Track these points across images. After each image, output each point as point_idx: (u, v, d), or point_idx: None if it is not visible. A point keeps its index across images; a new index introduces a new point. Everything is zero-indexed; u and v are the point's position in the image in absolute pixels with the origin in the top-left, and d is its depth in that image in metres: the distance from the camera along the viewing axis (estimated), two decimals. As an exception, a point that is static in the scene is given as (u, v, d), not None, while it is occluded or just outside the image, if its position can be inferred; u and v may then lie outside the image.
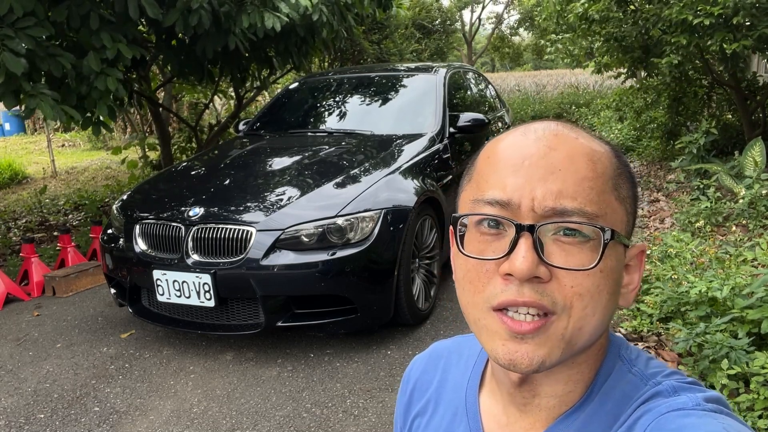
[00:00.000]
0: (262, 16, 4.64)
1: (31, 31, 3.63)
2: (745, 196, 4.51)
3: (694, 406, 0.52)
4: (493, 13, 31.27)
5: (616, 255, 0.56)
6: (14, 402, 2.82)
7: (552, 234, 0.54)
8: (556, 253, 0.53)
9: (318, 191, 3.19)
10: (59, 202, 7.58)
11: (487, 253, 0.56)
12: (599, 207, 0.54)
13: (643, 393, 0.57)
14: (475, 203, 0.58)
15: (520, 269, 0.52)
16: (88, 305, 4.01)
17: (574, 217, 0.53)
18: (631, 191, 0.59)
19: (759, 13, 4.81)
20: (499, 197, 0.55)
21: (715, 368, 2.39)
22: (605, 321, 0.56)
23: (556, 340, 0.54)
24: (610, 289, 0.55)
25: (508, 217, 0.55)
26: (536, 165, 0.55)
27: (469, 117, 4.17)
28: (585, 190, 0.54)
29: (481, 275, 0.56)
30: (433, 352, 0.81)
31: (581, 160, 0.56)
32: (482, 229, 0.57)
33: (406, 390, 0.80)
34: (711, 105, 7.53)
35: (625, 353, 0.62)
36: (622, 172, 0.59)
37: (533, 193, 0.54)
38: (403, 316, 3.20)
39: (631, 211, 0.59)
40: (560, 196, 0.53)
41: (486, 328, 0.56)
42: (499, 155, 0.58)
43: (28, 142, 15.27)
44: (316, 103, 4.81)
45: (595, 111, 12.31)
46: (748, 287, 2.73)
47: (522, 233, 0.53)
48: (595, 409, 0.59)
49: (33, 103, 3.73)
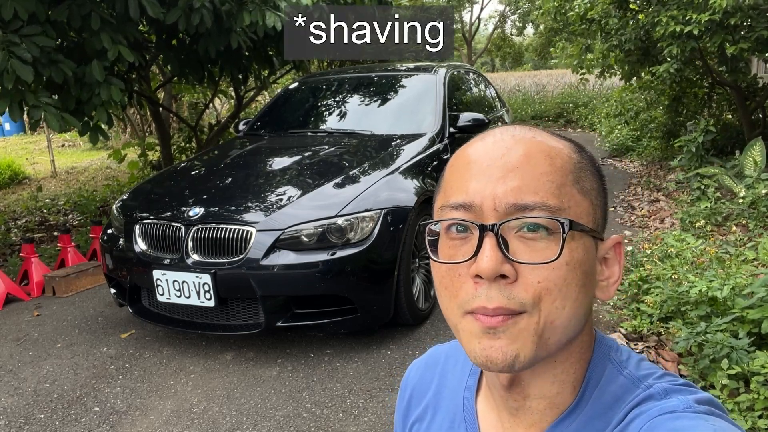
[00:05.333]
0: (263, 15, 4.64)
1: (36, 39, 3.65)
2: (746, 196, 4.51)
3: (685, 408, 0.52)
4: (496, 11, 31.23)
5: (583, 247, 0.56)
6: (14, 402, 2.82)
7: (516, 231, 0.54)
8: (521, 250, 0.54)
9: (318, 191, 3.19)
10: (59, 202, 7.58)
11: (457, 258, 0.56)
12: (560, 200, 0.55)
13: (635, 396, 0.57)
14: (442, 210, 0.59)
15: (486, 268, 0.52)
16: (88, 305, 4.01)
17: (536, 211, 0.54)
18: (596, 184, 0.60)
19: (757, 15, 4.82)
20: (462, 200, 0.57)
21: (716, 368, 2.39)
22: (579, 314, 0.56)
23: (528, 334, 0.54)
24: (579, 282, 0.55)
25: (471, 219, 0.56)
26: (494, 166, 0.56)
27: (469, 117, 4.17)
28: (545, 184, 0.55)
29: (455, 280, 0.57)
30: (430, 357, 0.81)
31: (538, 156, 0.57)
32: (451, 234, 0.58)
33: (404, 396, 0.80)
34: (711, 105, 7.53)
35: (615, 355, 0.62)
36: (584, 166, 0.59)
37: (494, 193, 0.55)
38: (403, 316, 3.19)
39: (598, 204, 0.59)
40: (520, 191, 0.54)
41: (463, 331, 0.57)
42: (461, 161, 0.60)
43: (28, 142, 15.27)
44: (316, 103, 4.81)
45: (594, 111, 12.31)
46: (748, 287, 2.73)
47: (486, 233, 0.54)
48: (588, 413, 0.59)
49: (37, 113, 3.75)
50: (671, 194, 5.88)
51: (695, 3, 4.91)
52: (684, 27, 4.91)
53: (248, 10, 4.64)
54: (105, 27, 4.08)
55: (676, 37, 5.12)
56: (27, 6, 3.58)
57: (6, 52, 3.49)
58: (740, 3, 4.64)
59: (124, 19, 4.30)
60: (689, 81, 6.93)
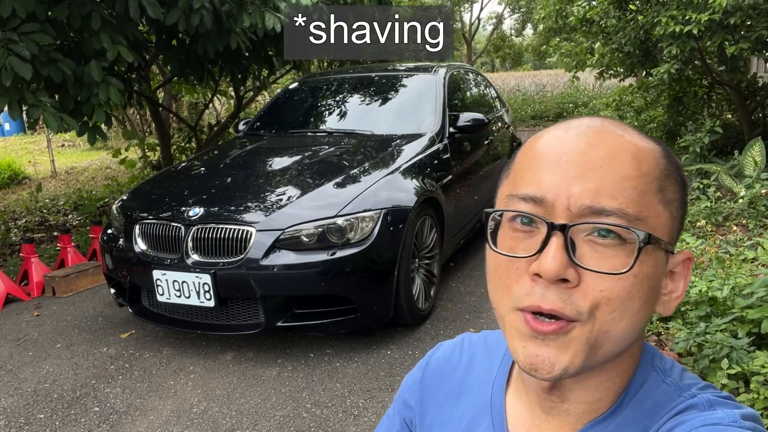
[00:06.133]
0: (262, 16, 4.64)
1: (35, 36, 3.64)
2: (745, 195, 4.51)
3: (731, 422, 0.50)
4: (494, 12, 31.25)
5: (654, 261, 0.53)
6: (14, 402, 2.82)
7: (586, 234, 0.51)
8: (589, 255, 0.51)
9: (318, 191, 3.19)
10: (59, 202, 7.58)
11: (518, 251, 0.54)
12: (640, 209, 0.51)
13: (677, 404, 0.55)
14: (509, 199, 0.56)
15: (548, 270, 0.50)
16: (88, 305, 4.01)
17: (612, 218, 0.50)
18: (679, 194, 0.56)
19: (757, 15, 4.82)
20: (533, 193, 0.53)
21: (715, 368, 2.39)
22: (635, 328, 0.54)
23: (579, 344, 0.52)
24: (643, 296, 0.52)
25: (541, 214, 0.52)
26: (573, 162, 0.53)
27: (468, 117, 4.17)
28: (626, 190, 0.51)
29: (511, 272, 0.54)
30: (460, 342, 0.78)
31: (624, 157, 0.52)
32: (515, 225, 0.55)
33: (426, 372, 0.78)
34: (711, 105, 7.54)
35: (659, 363, 0.60)
36: (670, 173, 0.55)
37: (569, 191, 0.51)
38: (403, 316, 3.19)
39: (677, 216, 0.56)
40: (598, 193, 0.51)
41: (510, 325, 0.55)
42: (537, 151, 0.56)
43: (28, 142, 15.27)
44: (316, 103, 4.81)
45: (594, 111, 12.31)
46: (748, 287, 2.73)
47: (554, 232, 0.51)
48: (626, 418, 0.57)
49: (36, 113, 3.74)
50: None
51: (695, 3, 4.91)
52: (684, 27, 4.91)
53: (248, 12, 4.64)
54: (105, 27, 4.08)
55: (676, 37, 5.12)
56: (26, 5, 3.58)
57: (4, 49, 3.49)
58: (740, 2, 4.64)
59: (125, 19, 4.30)
60: (689, 80, 6.93)
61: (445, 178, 3.84)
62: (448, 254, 3.96)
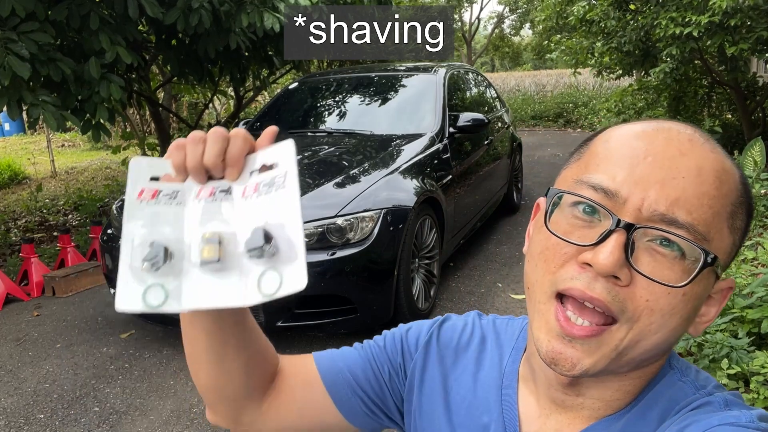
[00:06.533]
0: (261, 16, 4.64)
1: (34, 36, 3.64)
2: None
3: (748, 422, 0.50)
4: (494, 12, 31.33)
5: (706, 283, 0.52)
6: (14, 402, 2.82)
7: (648, 240, 0.50)
8: (645, 261, 0.50)
9: (317, 191, 3.18)
10: (59, 202, 7.58)
11: (572, 237, 0.52)
12: (709, 229, 0.50)
13: (692, 400, 0.55)
14: (578, 183, 0.54)
15: (604, 263, 0.48)
16: (88, 305, 4.01)
17: (682, 231, 0.49)
18: (744, 224, 0.54)
19: (756, 16, 4.82)
20: (607, 185, 0.51)
21: (715, 368, 2.39)
22: (668, 342, 0.53)
23: (608, 350, 0.51)
24: (685, 315, 0.51)
25: (609, 208, 0.50)
26: (659, 165, 0.50)
27: (468, 117, 4.17)
28: (702, 207, 0.50)
29: (558, 256, 0.53)
30: (471, 320, 0.76)
31: (709, 174, 0.51)
32: (575, 212, 0.53)
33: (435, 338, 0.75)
34: (711, 105, 7.54)
35: (675, 363, 0.60)
36: (743, 202, 0.54)
37: (646, 193, 0.50)
38: (403, 316, 3.19)
39: (738, 245, 0.54)
40: (676, 204, 0.49)
41: (541, 314, 0.54)
42: (620, 143, 0.54)
43: (27, 142, 15.27)
44: (316, 103, 4.81)
45: (594, 111, 12.32)
46: (748, 287, 2.73)
47: (617, 229, 0.49)
48: (641, 411, 0.57)
49: (36, 112, 3.74)
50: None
51: (694, 4, 4.91)
52: (683, 29, 4.91)
53: (246, 12, 4.64)
54: (104, 27, 4.08)
55: (676, 38, 5.13)
56: (26, 4, 3.58)
57: (3, 48, 3.49)
58: (740, 4, 4.64)
59: (124, 19, 4.30)
60: (689, 80, 6.94)
61: (445, 178, 3.84)
62: (448, 254, 3.96)
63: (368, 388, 0.73)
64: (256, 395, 0.71)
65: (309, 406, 0.73)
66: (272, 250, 0.51)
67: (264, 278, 0.51)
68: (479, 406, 0.67)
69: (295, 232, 0.52)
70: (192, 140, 0.56)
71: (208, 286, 0.51)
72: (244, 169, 0.56)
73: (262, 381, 0.71)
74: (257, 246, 0.50)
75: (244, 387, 0.69)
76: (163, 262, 0.51)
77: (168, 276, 0.51)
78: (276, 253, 0.51)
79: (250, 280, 0.51)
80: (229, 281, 0.51)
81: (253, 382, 0.70)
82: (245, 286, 0.51)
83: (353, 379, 0.73)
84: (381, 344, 0.77)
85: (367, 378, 0.74)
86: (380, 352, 0.76)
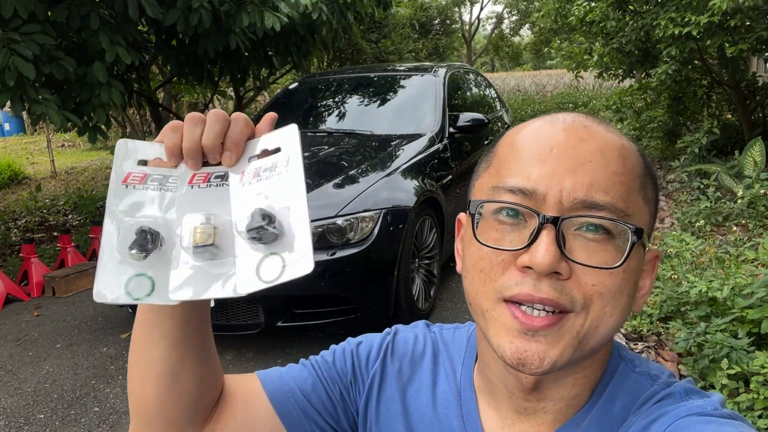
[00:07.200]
0: (261, 16, 4.64)
1: (36, 37, 3.65)
2: (745, 195, 4.51)
3: (713, 410, 0.51)
4: (494, 12, 31.31)
5: (638, 256, 0.53)
6: (14, 402, 2.82)
7: (575, 229, 0.51)
8: (578, 249, 0.51)
9: (317, 191, 3.18)
10: (59, 203, 7.58)
11: (503, 243, 0.52)
12: (628, 204, 0.52)
13: (654, 392, 0.56)
14: (494, 190, 0.54)
15: (542, 263, 0.49)
16: (88, 305, 4.01)
17: (604, 212, 0.50)
18: (654, 193, 0.57)
19: (756, 16, 4.82)
20: (523, 186, 0.52)
21: (715, 368, 2.39)
22: (620, 323, 0.54)
23: (570, 338, 0.51)
24: (629, 291, 0.53)
25: (532, 207, 0.51)
26: (565, 155, 0.52)
27: (468, 117, 4.17)
28: (616, 185, 0.51)
29: (495, 265, 0.53)
30: (420, 331, 0.75)
31: (612, 153, 0.53)
32: (500, 217, 0.53)
33: (389, 351, 0.72)
34: (711, 105, 7.54)
35: (625, 353, 0.61)
36: (648, 173, 0.56)
37: (562, 184, 0.51)
38: (403, 316, 3.19)
39: (654, 214, 0.57)
40: (591, 188, 0.50)
41: (495, 320, 0.53)
42: (524, 142, 0.55)
43: (27, 142, 15.27)
44: (316, 103, 4.81)
45: (594, 111, 12.31)
46: (748, 287, 2.73)
47: (545, 225, 0.50)
48: (603, 409, 0.57)
49: (39, 109, 3.74)
50: (671, 194, 5.88)
51: (694, 4, 4.91)
52: (683, 29, 4.91)
53: (246, 11, 4.64)
54: (104, 27, 4.08)
55: (676, 38, 5.13)
56: (26, 5, 3.58)
57: (7, 49, 3.49)
58: (740, 4, 4.64)
59: (124, 20, 4.30)
60: (689, 80, 6.94)
61: (445, 178, 3.84)
62: (448, 254, 3.96)
63: (321, 408, 0.69)
64: (199, 420, 0.64)
65: (252, 430, 0.67)
66: (274, 232, 0.48)
67: (263, 264, 0.48)
68: (441, 422, 0.66)
69: (300, 215, 0.49)
70: (190, 121, 0.53)
71: (200, 275, 0.48)
72: (243, 154, 0.53)
73: (210, 403, 0.65)
74: (256, 226, 0.47)
75: (192, 408, 0.62)
76: (151, 249, 0.47)
77: (155, 265, 0.48)
78: (278, 236, 0.48)
79: (248, 267, 0.48)
80: (222, 269, 0.48)
81: (202, 404, 0.64)
82: (242, 273, 0.47)
83: (305, 399, 0.69)
84: (330, 360, 0.73)
85: (319, 397, 0.70)
86: (330, 370, 0.72)
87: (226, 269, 0.48)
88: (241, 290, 0.47)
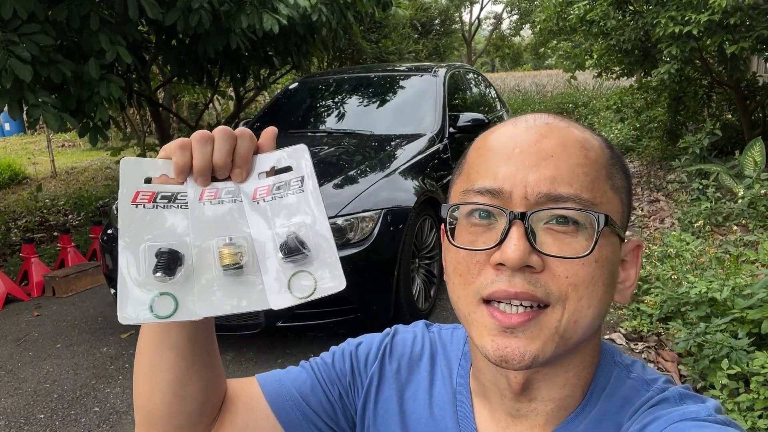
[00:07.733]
0: (260, 18, 4.64)
1: (35, 38, 3.64)
2: (745, 195, 4.51)
3: (707, 416, 0.51)
4: (492, 12, 31.33)
5: (611, 246, 0.54)
6: (14, 402, 2.82)
7: (544, 223, 0.52)
8: (549, 242, 0.52)
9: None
10: (59, 203, 7.58)
11: (477, 244, 0.54)
12: (594, 194, 0.53)
13: (649, 397, 0.56)
14: (465, 194, 0.56)
15: (512, 257, 0.50)
16: (88, 305, 4.01)
17: (569, 204, 0.52)
18: (625, 182, 0.58)
19: (756, 14, 4.82)
20: (490, 186, 0.54)
21: (715, 368, 2.39)
22: (601, 314, 0.54)
23: (549, 333, 0.52)
24: (605, 281, 0.53)
25: (499, 205, 0.53)
26: (528, 152, 0.53)
27: (468, 117, 4.17)
28: (579, 177, 0.53)
29: (471, 267, 0.54)
30: (419, 332, 0.75)
31: (573, 146, 0.54)
32: (473, 220, 0.55)
33: (388, 351, 0.73)
34: (711, 105, 7.54)
35: (620, 359, 0.61)
36: (615, 162, 0.57)
37: (525, 180, 0.52)
38: (403, 316, 3.19)
39: (626, 203, 0.58)
40: (554, 181, 0.52)
41: (476, 323, 0.54)
42: (489, 145, 0.57)
43: (28, 142, 15.27)
44: (316, 104, 4.81)
45: (594, 111, 12.31)
46: (748, 287, 2.73)
47: (514, 221, 0.51)
48: (597, 414, 0.58)
49: (36, 113, 3.74)
50: (671, 194, 5.88)
51: (694, 3, 4.91)
52: (683, 27, 4.92)
53: (246, 13, 4.64)
54: (104, 27, 4.08)
55: (676, 37, 5.13)
56: (26, 5, 3.58)
57: (5, 51, 3.49)
58: (740, 2, 4.64)
59: (124, 20, 4.30)
60: (689, 80, 6.94)
61: (445, 178, 3.84)
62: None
63: (319, 410, 0.70)
64: (203, 425, 0.65)
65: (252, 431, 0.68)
66: (306, 254, 0.51)
67: (294, 280, 0.50)
68: (436, 424, 0.67)
69: (326, 233, 0.52)
70: (199, 139, 0.54)
71: (228, 291, 0.49)
72: (252, 170, 0.55)
73: (214, 408, 0.66)
74: (294, 252, 0.50)
75: (197, 413, 0.64)
76: (175, 270, 0.49)
77: (176, 282, 0.49)
78: (307, 256, 0.51)
79: (279, 283, 0.50)
80: (249, 284, 0.50)
81: (206, 409, 0.65)
82: (273, 288, 0.50)
83: (304, 401, 0.70)
84: (329, 362, 0.74)
85: (318, 399, 0.71)
86: (329, 371, 0.73)
87: (252, 284, 0.50)
88: (275, 305, 0.50)
